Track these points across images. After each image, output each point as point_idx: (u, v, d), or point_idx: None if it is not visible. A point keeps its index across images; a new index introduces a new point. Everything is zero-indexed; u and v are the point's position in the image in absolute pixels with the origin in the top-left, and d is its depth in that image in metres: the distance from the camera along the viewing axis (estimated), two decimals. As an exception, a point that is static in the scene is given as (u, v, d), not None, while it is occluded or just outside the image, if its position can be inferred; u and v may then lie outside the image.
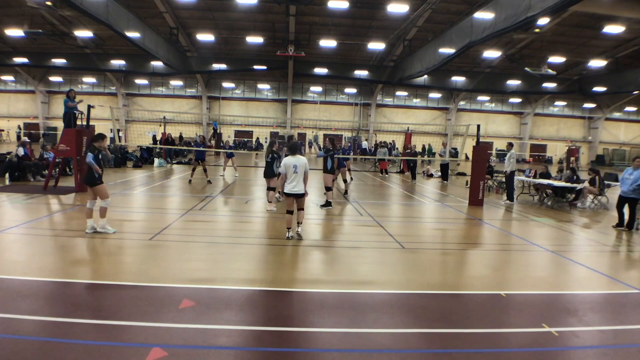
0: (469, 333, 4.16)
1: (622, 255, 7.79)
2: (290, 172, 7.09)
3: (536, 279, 5.99)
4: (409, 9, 25.09)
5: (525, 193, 14.97)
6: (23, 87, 42.81)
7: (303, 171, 7.14)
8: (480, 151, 12.76)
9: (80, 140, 11.63)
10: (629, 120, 47.30)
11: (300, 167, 7.10)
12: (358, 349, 3.76)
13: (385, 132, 37.51)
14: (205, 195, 12.10)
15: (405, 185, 17.85)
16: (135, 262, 6.01)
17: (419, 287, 5.48)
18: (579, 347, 4.03)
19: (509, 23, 18.65)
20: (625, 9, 22.42)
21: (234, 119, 42.91)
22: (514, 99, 44.60)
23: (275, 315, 4.37)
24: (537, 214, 11.36)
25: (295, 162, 7.13)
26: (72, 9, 21.51)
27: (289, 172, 7.10)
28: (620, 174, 10.42)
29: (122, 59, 36.20)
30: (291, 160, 7.15)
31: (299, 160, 7.18)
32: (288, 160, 7.19)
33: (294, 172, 7.08)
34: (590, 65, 33.69)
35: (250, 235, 7.79)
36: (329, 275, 5.84)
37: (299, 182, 7.13)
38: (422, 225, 10.06)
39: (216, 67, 37.47)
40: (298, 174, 7.10)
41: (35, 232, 7.25)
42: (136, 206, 10.65)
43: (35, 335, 3.71)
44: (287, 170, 7.12)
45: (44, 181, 11.97)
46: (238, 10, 28.34)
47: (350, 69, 38.32)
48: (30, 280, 4.98)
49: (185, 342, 3.69)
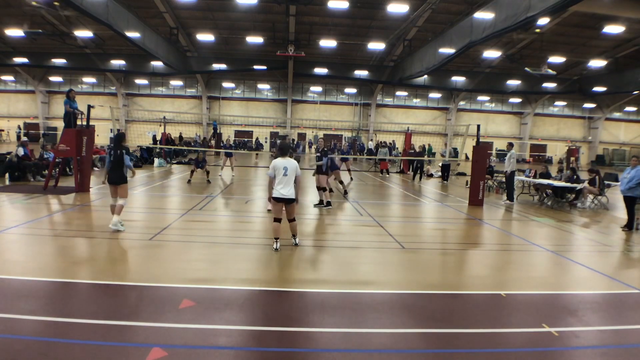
0: (469, 333, 4.16)
1: (622, 255, 7.78)
2: (279, 175, 6.53)
3: (536, 279, 5.99)
4: (409, 9, 25.09)
5: (525, 193, 14.96)
6: (23, 87, 42.81)
7: (294, 174, 6.58)
8: (480, 151, 12.76)
9: (80, 141, 11.63)
10: (629, 120, 47.30)
11: (290, 170, 6.53)
12: (358, 349, 3.76)
13: (385, 132, 37.52)
14: (205, 195, 12.09)
15: (406, 185, 17.85)
16: (135, 262, 6.01)
17: (419, 287, 5.47)
18: (579, 347, 4.03)
19: (509, 23, 18.64)
20: (625, 9, 22.42)
21: (234, 119, 42.91)
22: (514, 99, 44.60)
23: (275, 315, 4.37)
24: (537, 214, 11.36)
25: (286, 164, 6.54)
26: (72, 9, 21.50)
27: (278, 174, 6.53)
28: (620, 174, 10.45)
29: (122, 59, 36.20)
30: (281, 162, 6.56)
31: (289, 162, 6.60)
32: (278, 162, 6.59)
33: (283, 175, 6.50)
34: (590, 65, 33.69)
35: (250, 235, 7.78)
36: (329, 275, 5.84)
37: (289, 185, 6.54)
38: (422, 225, 10.06)
39: (216, 67, 37.47)
40: (288, 176, 6.52)
41: (35, 232, 7.25)
42: (136, 206, 10.64)
43: (35, 335, 3.71)
44: (276, 173, 6.56)
45: (44, 181, 11.97)
46: (238, 10, 28.35)
47: (350, 69, 38.32)
48: (30, 280, 4.98)
49: (185, 342, 3.69)
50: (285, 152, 6.80)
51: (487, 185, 15.35)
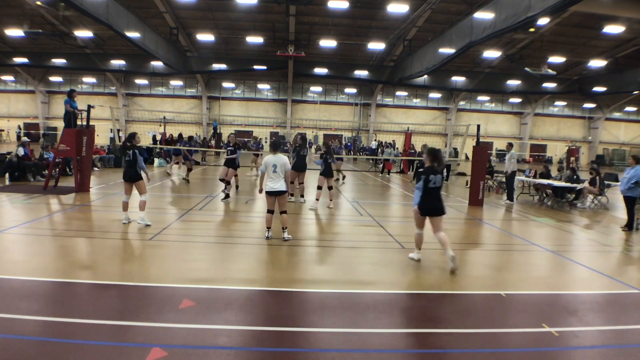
0: (469, 333, 4.16)
1: (622, 255, 7.78)
2: (269, 171, 7.01)
3: (536, 279, 5.99)
4: (409, 9, 25.09)
5: (525, 193, 14.96)
6: (23, 87, 42.82)
7: (283, 170, 7.03)
8: (480, 151, 12.76)
9: (80, 140, 11.62)
10: (629, 120, 47.32)
11: (280, 167, 6.98)
12: (358, 349, 3.76)
13: (385, 132, 37.53)
14: (205, 196, 12.09)
15: (406, 185, 17.85)
16: (135, 262, 6.01)
17: (419, 287, 5.48)
18: (579, 347, 4.03)
19: (509, 23, 18.64)
20: (625, 9, 22.41)
21: (234, 119, 42.91)
22: (514, 99, 44.61)
23: (275, 315, 4.37)
24: (537, 214, 11.36)
25: (275, 161, 7.01)
26: (72, 9, 21.51)
27: (269, 171, 7.01)
28: (621, 174, 10.47)
29: (122, 59, 36.20)
30: (271, 159, 7.05)
31: (279, 159, 7.07)
32: (268, 159, 7.10)
33: (273, 172, 6.98)
34: (590, 65, 33.69)
35: (250, 235, 7.78)
36: (329, 275, 5.84)
37: (279, 181, 7.02)
38: (422, 225, 10.04)
39: (216, 67, 37.47)
40: (277, 173, 6.98)
41: (35, 232, 7.25)
42: (136, 206, 10.64)
43: (36, 335, 3.71)
44: (267, 169, 7.05)
45: (44, 181, 11.97)
46: (238, 10, 28.34)
47: (350, 69, 38.32)
48: (30, 280, 4.98)
49: (185, 342, 3.69)
50: (276, 148, 7.34)
51: (487, 185, 15.34)
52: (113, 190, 12.34)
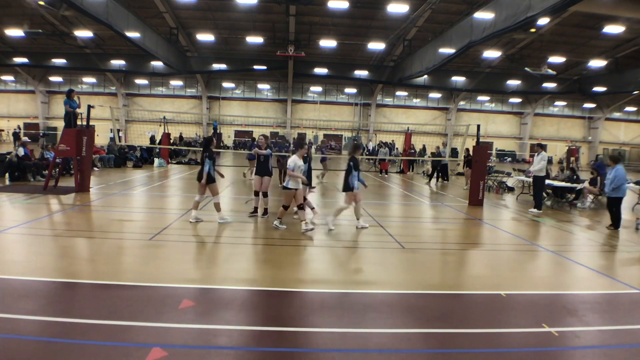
0: (469, 333, 4.16)
1: (622, 255, 7.78)
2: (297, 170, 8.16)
3: (536, 279, 5.99)
4: (409, 9, 25.07)
5: (525, 193, 14.96)
6: (23, 87, 42.78)
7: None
8: (480, 151, 12.76)
9: (80, 141, 11.62)
10: (629, 120, 47.29)
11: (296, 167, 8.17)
12: (358, 349, 3.76)
13: (385, 132, 37.51)
14: (206, 196, 12.06)
15: (405, 185, 17.85)
16: (135, 262, 6.01)
17: (419, 287, 5.48)
18: (579, 347, 4.03)
19: (509, 23, 18.63)
20: (625, 9, 22.40)
21: (234, 119, 42.89)
22: (514, 99, 44.58)
23: (275, 315, 4.37)
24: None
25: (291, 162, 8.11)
26: (72, 9, 21.50)
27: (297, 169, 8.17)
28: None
29: (122, 59, 36.17)
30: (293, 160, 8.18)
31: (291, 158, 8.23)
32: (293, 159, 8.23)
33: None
34: (590, 65, 33.66)
35: (250, 235, 7.79)
36: (328, 275, 5.84)
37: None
38: (422, 225, 10.06)
39: (216, 67, 37.44)
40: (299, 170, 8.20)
41: (35, 232, 7.25)
42: (136, 206, 10.66)
43: (35, 335, 3.71)
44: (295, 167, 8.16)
45: (44, 181, 11.97)
46: (238, 10, 28.33)
47: (350, 69, 38.29)
48: (30, 280, 4.98)
49: (185, 342, 3.69)
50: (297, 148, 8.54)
51: (487, 185, 15.34)
52: (113, 190, 12.34)
